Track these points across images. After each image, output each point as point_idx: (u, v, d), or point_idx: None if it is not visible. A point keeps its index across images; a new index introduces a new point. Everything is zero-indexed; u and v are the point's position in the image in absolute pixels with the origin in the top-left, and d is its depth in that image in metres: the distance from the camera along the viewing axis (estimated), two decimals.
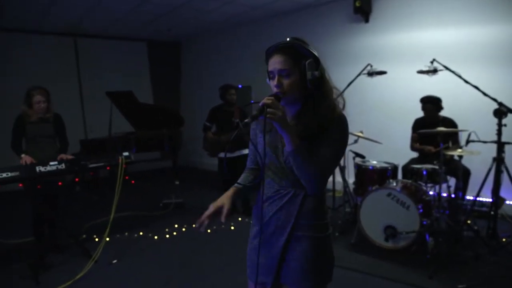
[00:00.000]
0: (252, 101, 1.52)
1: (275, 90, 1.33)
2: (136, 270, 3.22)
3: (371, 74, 3.88)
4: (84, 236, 4.01)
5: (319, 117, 1.32)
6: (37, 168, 3.02)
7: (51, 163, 3.09)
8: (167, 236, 4.01)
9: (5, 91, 6.08)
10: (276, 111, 1.21)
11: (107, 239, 3.87)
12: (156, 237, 3.97)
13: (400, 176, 3.99)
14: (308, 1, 5.49)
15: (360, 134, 3.90)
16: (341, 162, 4.04)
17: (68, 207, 5.03)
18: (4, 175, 2.87)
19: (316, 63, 1.32)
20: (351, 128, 1.43)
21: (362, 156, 4.04)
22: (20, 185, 3.15)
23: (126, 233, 4.10)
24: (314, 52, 1.33)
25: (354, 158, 4.00)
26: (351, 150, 3.97)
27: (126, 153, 3.52)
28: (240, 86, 6.21)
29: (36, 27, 6.40)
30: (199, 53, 8.10)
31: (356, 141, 3.86)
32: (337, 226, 3.89)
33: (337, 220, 4.06)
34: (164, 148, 5.13)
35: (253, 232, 1.52)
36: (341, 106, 1.41)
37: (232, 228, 4.18)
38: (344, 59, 5.27)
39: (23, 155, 3.26)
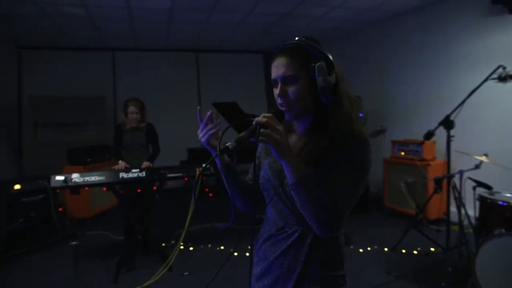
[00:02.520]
0: (252, 119, 1.20)
1: (278, 101, 1.11)
2: (203, 285, 3.10)
3: (503, 78, 2.95)
4: (172, 242, 4.14)
5: (329, 134, 1.07)
6: (120, 175, 3.20)
7: (133, 170, 3.24)
8: (247, 254, 3.81)
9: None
10: (271, 133, 0.97)
11: (191, 248, 3.92)
12: (236, 254, 3.81)
13: None
14: None
15: (483, 159, 3.00)
16: (457, 185, 3.18)
17: (158, 213, 5.35)
18: (93, 178, 3.12)
19: (330, 66, 1.09)
20: (471, 148, 1.02)
21: (488, 187, 3.09)
22: (104, 189, 3.39)
23: (209, 245, 4.06)
24: (327, 54, 1.10)
25: (474, 188, 3.09)
26: (470, 178, 3.08)
27: (204, 165, 3.47)
28: None
29: (163, 46, 7.13)
30: None
31: (478, 167, 2.98)
32: (446, 274, 3.05)
33: (447, 265, 3.19)
34: None
35: (256, 274, 1.22)
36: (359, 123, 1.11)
37: None
38: (473, 60, 4.26)
39: (120, 161, 3.55)
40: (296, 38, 1.11)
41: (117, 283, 3.14)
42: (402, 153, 4.79)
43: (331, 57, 1.10)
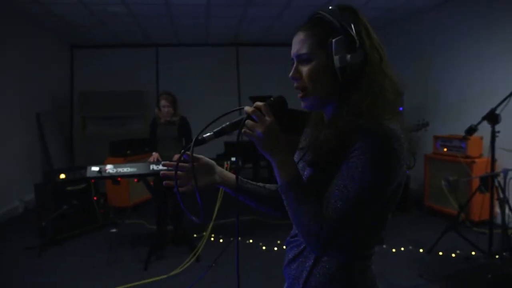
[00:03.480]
0: (241, 107, 1.13)
1: (294, 85, 0.95)
2: (229, 277, 3.15)
3: None
4: (204, 233, 4.23)
5: (340, 126, 0.86)
6: (151, 166, 3.31)
7: (163, 162, 3.34)
8: (275, 248, 3.80)
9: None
10: (255, 125, 0.87)
11: (221, 240, 3.98)
12: (264, 248, 3.81)
13: None
14: None
15: None
16: (501, 185, 2.92)
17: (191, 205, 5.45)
18: (125, 169, 3.26)
19: (351, 42, 0.86)
20: None
21: None
22: (135, 180, 3.53)
23: (240, 238, 4.09)
24: (346, 26, 0.86)
25: None
26: None
27: (233, 158, 3.49)
28: None
29: (203, 41, 7.27)
30: None
31: None
32: (486, 281, 2.82)
33: (488, 271, 2.94)
34: None
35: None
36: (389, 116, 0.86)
37: None
38: None
39: (154, 153, 3.70)
40: (330, 7, 0.90)
41: (147, 270, 3.27)
42: (445, 149, 4.49)
43: (353, 30, 0.86)
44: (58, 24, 5.75)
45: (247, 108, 0.89)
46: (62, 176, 4.01)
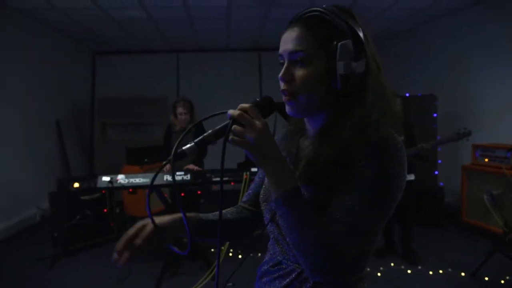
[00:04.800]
0: (224, 111, 0.95)
1: (281, 87, 0.84)
2: None
3: None
4: (222, 247, 3.99)
5: (345, 138, 0.78)
6: (164, 177, 3.11)
7: (178, 173, 3.14)
8: None
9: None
10: (245, 132, 0.75)
11: (239, 256, 3.75)
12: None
13: None
14: None
15: None
16: None
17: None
18: (137, 180, 3.08)
19: (358, 47, 0.78)
20: None
21: None
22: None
23: (259, 254, 3.83)
24: (356, 28, 0.79)
25: None
26: None
27: (254, 169, 3.26)
28: (419, 94, 5.03)
29: (225, 46, 7.11)
30: None
31: None
32: None
33: None
34: None
35: None
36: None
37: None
38: None
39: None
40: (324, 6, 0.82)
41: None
42: (486, 160, 4.08)
43: (362, 35, 0.79)
44: (79, 31, 5.72)
45: (232, 112, 0.74)
46: (76, 185, 3.87)
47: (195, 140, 0.79)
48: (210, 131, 0.79)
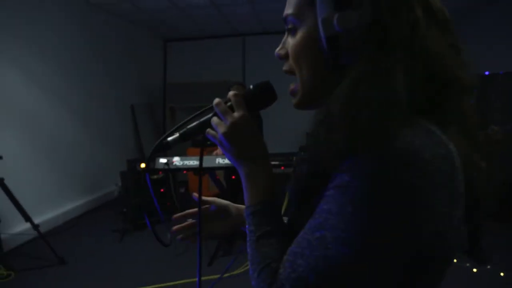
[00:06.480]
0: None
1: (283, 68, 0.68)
2: None
3: None
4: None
5: (330, 138, 0.51)
6: (217, 160, 3.20)
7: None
8: None
9: None
10: (218, 124, 0.65)
11: None
12: None
13: None
14: None
15: None
16: None
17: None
18: (191, 162, 3.21)
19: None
20: None
21: None
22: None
23: None
24: None
25: None
26: None
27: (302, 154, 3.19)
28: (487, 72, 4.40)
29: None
30: None
31: None
32: None
33: None
34: None
35: None
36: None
37: None
38: None
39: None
40: None
41: (211, 266, 3.19)
42: None
43: None
44: (149, 20, 6.05)
45: (216, 101, 0.65)
46: (142, 165, 4.18)
47: (180, 132, 0.75)
48: (195, 123, 0.74)
